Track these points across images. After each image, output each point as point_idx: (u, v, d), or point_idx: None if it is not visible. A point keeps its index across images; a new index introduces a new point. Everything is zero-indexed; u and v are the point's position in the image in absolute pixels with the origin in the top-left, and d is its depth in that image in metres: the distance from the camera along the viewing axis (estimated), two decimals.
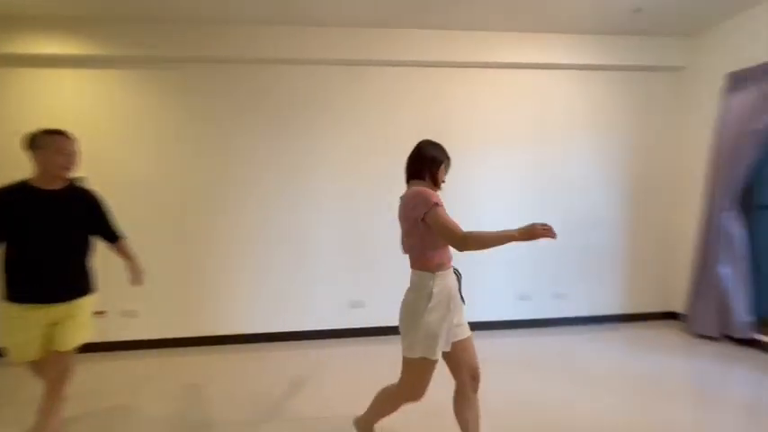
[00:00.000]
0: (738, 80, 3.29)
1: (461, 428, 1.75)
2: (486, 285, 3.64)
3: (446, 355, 1.69)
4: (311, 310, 3.51)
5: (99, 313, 3.30)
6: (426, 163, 1.72)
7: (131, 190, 3.31)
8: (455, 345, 1.67)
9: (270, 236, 3.45)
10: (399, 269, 3.16)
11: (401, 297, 1.70)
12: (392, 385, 1.78)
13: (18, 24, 3.08)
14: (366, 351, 3.25)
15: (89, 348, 2.25)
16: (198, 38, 3.26)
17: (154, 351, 3.29)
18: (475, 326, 3.86)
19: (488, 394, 1.87)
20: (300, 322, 3.49)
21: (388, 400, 1.81)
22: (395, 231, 1.77)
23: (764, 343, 3.15)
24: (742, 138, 3.17)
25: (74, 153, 2.02)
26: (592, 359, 3.07)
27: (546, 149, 3.72)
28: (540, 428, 2.14)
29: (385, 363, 2.31)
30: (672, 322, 3.81)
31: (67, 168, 1.99)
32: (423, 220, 1.59)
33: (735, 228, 3.26)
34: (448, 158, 1.78)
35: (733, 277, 3.26)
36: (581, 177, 3.77)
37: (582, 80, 3.74)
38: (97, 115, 3.29)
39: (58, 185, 2.00)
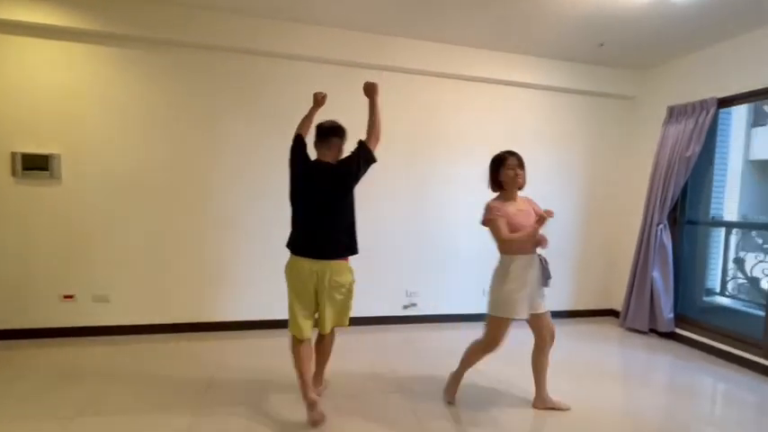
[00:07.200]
0: (676, 113, 3.82)
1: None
2: (452, 281, 4.05)
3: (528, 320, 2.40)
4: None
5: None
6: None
7: (116, 168, 3.34)
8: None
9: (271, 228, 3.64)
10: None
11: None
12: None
13: None
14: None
15: None
16: (202, 23, 3.27)
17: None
18: (444, 318, 4.31)
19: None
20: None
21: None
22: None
23: (682, 336, 3.75)
24: (674, 163, 3.71)
25: None
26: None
27: None
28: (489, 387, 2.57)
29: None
30: (611, 318, 4.39)
31: None
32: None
33: (665, 239, 3.82)
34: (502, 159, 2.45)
35: (661, 281, 3.83)
36: (542, 188, 4.20)
37: (550, 100, 4.19)
38: (84, 90, 3.24)
39: None
